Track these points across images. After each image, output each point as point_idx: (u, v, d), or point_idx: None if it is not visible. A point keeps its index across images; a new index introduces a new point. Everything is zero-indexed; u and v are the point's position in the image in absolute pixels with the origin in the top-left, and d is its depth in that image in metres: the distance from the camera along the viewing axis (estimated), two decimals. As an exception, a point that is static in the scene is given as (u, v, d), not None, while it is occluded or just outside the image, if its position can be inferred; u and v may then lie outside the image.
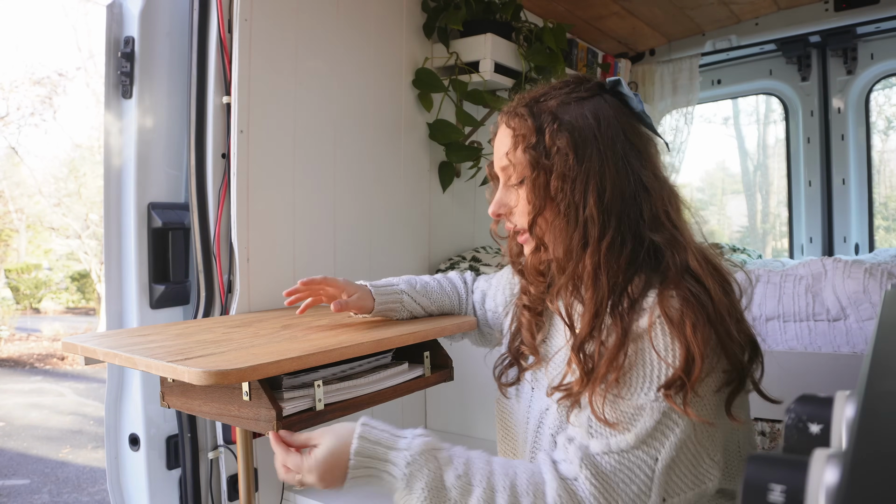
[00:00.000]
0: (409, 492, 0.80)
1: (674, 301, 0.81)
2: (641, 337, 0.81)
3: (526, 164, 0.89)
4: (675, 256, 0.84)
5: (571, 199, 0.85)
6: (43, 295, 11.64)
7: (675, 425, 0.78)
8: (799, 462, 0.30)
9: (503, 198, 0.95)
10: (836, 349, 1.44)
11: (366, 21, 1.84)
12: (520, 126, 0.90)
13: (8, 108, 10.89)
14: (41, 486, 4.10)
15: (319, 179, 1.72)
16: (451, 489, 0.79)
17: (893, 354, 0.42)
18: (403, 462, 0.80)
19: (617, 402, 0.80)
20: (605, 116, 0.88)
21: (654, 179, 0.88)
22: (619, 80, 0.92)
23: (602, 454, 0.79)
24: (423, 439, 0.83)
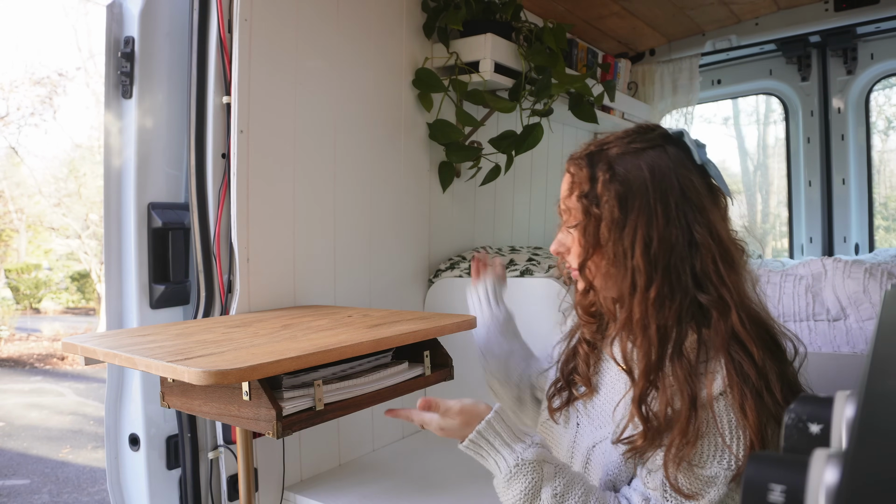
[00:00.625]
0: (507, 487, 0.90)
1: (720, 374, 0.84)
2: (707, 407, 0.84)
3: (579, 211, 0.94)
4: (719, 321, 0.86)
5: (619, 247, 0.89)
6: (43, 295, 11.64)
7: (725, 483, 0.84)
8: (799, 462, 0.30)
9: (562, 238, 1.00)
10: (836, 349, 1.44)
11: (366, 21, 1.84)
12: (577, 173, 0.95)
13: (8, 108, 10.89)
14: (41, 486, 4.10)
15: (319, 179, 1.72)
16: (544, 500, 0.88)
17: (893, 354, 0.42)
18: (513, 461, 0.89)
19: (690, 471, 0.84)
20: (660, 168, 0.90)
21: (706, 234, 0.89)
22: (684, 131, 0.94)
23: None
24: (537, 449, 0.90)
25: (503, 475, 0.90)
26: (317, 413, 1.06)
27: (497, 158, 2.14)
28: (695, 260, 0.88)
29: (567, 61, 2.28)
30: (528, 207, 2.66)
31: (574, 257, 0.97)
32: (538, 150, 2.60)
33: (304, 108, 1.67)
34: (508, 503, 0.90)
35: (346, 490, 1.62)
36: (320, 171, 1.72)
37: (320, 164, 1.72)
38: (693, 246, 0.88)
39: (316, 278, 1.72)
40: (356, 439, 1.86)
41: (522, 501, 0.88)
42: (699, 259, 0.88)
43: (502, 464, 0.90)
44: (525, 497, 0.88)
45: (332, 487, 1.64)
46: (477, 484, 1.61)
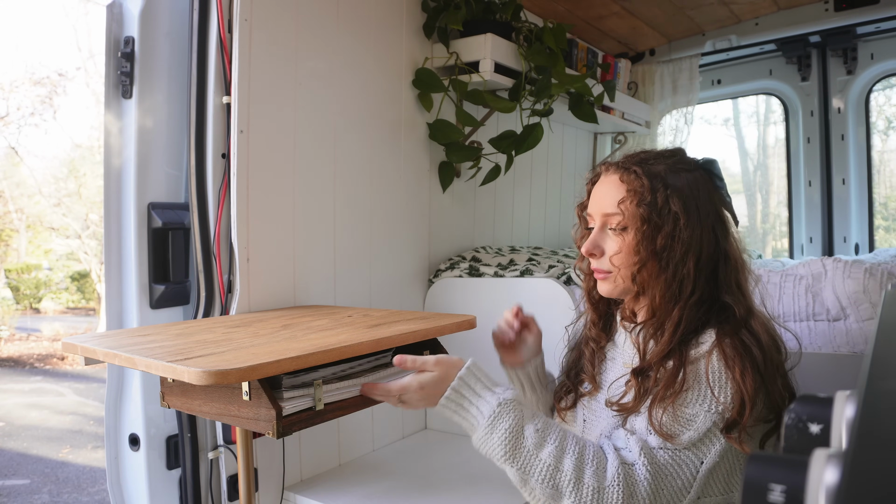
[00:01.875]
0: (491, 430, 0.91)
1: (729, 343, 0.94)
2: (698, 362, 0.95)
3: (637, 217, 1.00)
4: (738, 313, 0.98)
5: (674, 255, 0.98)
6: (43, 295, 11.64)
7: (720, 439, 0.91)
8: (799, 462, 0.30)
9: (598, 239, 1.06)
10: (836, 349, 1.44)
11: (366, 21, 1.84)
12: (633, 181, 1.01)
13: (8, 108, 10.89)
14: (41, 486, 4.10)
15: (319, 179, 1.72)
16: (528, 437, 0.91)
17: (893, 354, 0.42)
18: (496, 402, 0.93)
19: (673, 412, 0.93)
20: (705, 190, 1.02)
21: (734, 251, 1.03)
22: (714, 161, 1.06)
23: (658, 448, 0.92)
24: (514, 391, 0.96)
25: (486, 418, 0.92)
26: (317, 413, 1.06)
27: (497, 158, 2.14)
28: (724, 272, 1.00)
29: (567, 61, 2.28)
30: (528, 207, 2.66)
31: (624, 261, 1.02)
32: (538, 150, 2.60)
33: (304, 108, 1.67)
34: (493, 446, 0.91)
35: (346, 490, 1.62)
36: (320, 170, 1.72)
37: (320, 164, 1.72)
38: (725, 259, 1.01)
39: (316, 278, 1.72)
40: (356, 439, 1.86)
41: (507, 441, 0.90)
42: (727, 271, 1.00)
43: (485, 407, 0.93)
44: (510, 435, 0.90)
45: (332, 487, 1.64)
46: (477, 484, 1.61)
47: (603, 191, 1.06)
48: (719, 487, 0.93)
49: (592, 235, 1.06)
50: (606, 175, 1.07)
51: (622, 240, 1.02)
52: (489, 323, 1.41)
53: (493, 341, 1.22)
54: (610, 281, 1.05)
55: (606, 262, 1.04)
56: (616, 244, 1.03)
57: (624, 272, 1.03)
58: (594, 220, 1.07)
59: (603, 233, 1.05)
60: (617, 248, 1.03)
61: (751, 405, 0.89)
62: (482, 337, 1.46)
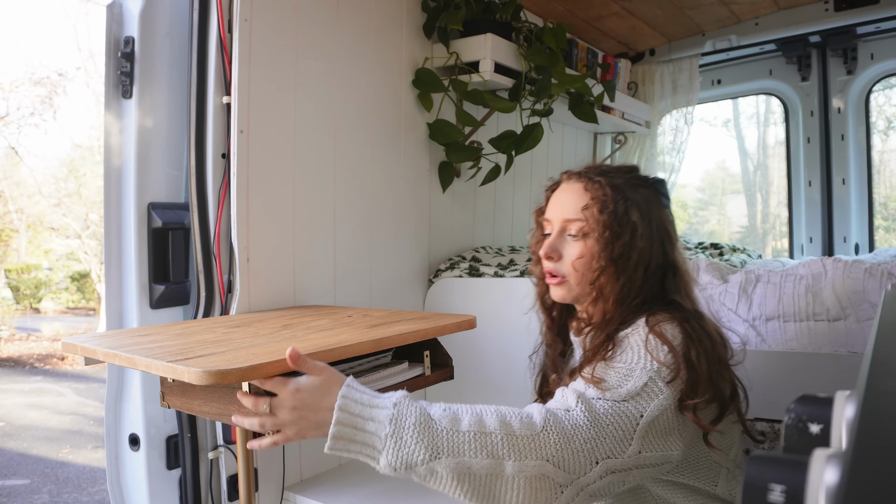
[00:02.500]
0: (399, 435, 0.82)
1: (670, 327, 0.99)
2: (628, 337, 1.00)
3: (599, 224, 1.04)
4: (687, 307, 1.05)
5: (629, 264, 1.03)
6: (43, 295, 11.64)
7: (660, 392, 0.93)
8: (799, 462, 0.30)
9: (556, 243, 1.09)
10: (836, 349, 1.44)
11: (366, 21, 1.84)
12: (598, 191, 1.06)
13: (8, 108, 10.89)
14: (41, 486, 4.10)
15: (319, 179, 1.72)
16: (439, 421, 0.84)
17: (893, 354, 0.42)
18: (390, 403, 0.85)
19: (610, 366, 0.97)
20: (655, 205, 1.09)
21: (682, 262, 1.10)
22: (664, 180, 1.14)
23: (597, 399, 0.92)
24: (401, 391, 0.89)
25: (388, 425, 0.83)
26: (317, 413, 1.06)
27: (497, 158, 2.14)
28: (672, 280, 1.07)
29: (567, 61, 2.28)
30: (528, 207, 2.66)
31: (584, 266, 1.06)
32: (538, 150, 2.60)
33: (304, 108, 1.67)
34: (409, 449, 0.82)
35: (346, 490, 1.62)
36: (320, 171, 1.72)
37: (320, 164, 1.72)
38: (673, 268, 1.08)
39: (316, 278, 1.72)
40: (356, 439, 1.86)
41: (421, 435, 0.82)
42: (675, 280, 1.07)
43: (381, 413, 0.84)
44: (422, 428, 0.83)
45: (332, 487, 1.64)
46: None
47: (565, 197, 1.11)
48: (658, 443, 0.93)
49: (551, 239, 1.10)
50: (568, 183, 1.12)
51: (583, 245, 1.07)
52: (489, 323, 1.41)
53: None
54: (564, 286, 1.09)
55: (564, 266, 1.08)
56: (576, 249, 1.07)
57: (581, 277, 1.07)
58: (552, 225, 1.12)
59: (561, 238, 1.10)
60: (578, 254, 1.07)
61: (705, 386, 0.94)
62: (482, 337, 1.46)
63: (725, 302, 1.57)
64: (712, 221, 9.55)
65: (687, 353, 0.96)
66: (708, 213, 9.69)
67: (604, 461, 0.88)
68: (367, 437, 0.84)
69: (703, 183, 9.45)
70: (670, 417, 0.94)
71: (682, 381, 0.94)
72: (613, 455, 0.89)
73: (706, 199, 9.61)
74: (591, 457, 0.87)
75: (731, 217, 9.30)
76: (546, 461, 0.84)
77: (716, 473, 1.06)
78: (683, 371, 0.94)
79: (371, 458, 0.85)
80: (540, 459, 0.84)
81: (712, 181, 9.48)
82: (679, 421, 0.95)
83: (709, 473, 1.05)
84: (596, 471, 0.87)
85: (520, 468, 0.83)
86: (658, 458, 0.93)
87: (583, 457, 0.87)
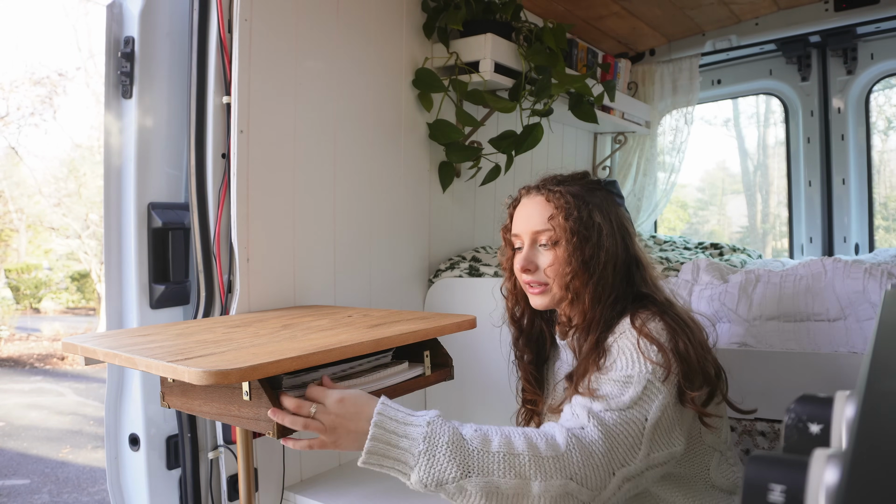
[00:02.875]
0: (433, 453, 0.86)
1: (654, 324, 1.04)
2: (616, 342, 1.05)
3: (567, 230, 1.09)
4: (658, 299, 1.11)
5: (598, 264, 1.08)
6: (43, 295, 11.64)
7: (658, 392, 0.97)
8: (799, 462, 0.30)
9: (531, 255, 1.14)
10: (836, 349, 1.44)
11: (366, 21, 1.84)
12: (559, 200, 1.11)
13: (8, 108, 10.89)
14: (41, 486, 4.10)
15: (319, 179, 1.72)
16: (471, 441, 0.88)
17: (893, 354, 0.42)
18: (424, 422, 0.89)
19: (607, 376, 1.00)
20: (612, 205, 1.15)
21: (643, 255, 1.16)
22: (615, 181, 1.23)
23: (604, 411, 0.95)
24: (434, 411, 0.93)
25: (422, 443, 0.86)
26: (317, 413, 1.06)
27: (497, 158, 2.14)
28: (638, 273, 1.13)
29: (567, 61, 2.28)
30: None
31: (558, 271, 1.11)
32: (538, 150, 2.60)
33: (304, 108, 1.67)
34: (442, 467, 0.85)
35: (346, 490, 1.62)
36: (320, 171, 1.72)
37: (320, 164, 1.72)
38: (637, 262, 1.14)
39: (316, 278, 1.72)
40: (356, 439, 1.86)
41: (454, 454, 0.86)
42: (641, 272, 1.13)
43: (416, 432, 0.87)
44: (454, 448, 0.86)
45: (332, 487, 1.64)
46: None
47: (528, 211, 1.16)
48: (664, 442, 0.97)
49: (525, 252, 1.15)
50: (529, 197, 1.18)
51: (554, 253, 1.12)
52: (489, 323, 1.41)
53: None
54: (546, 295, 1.14)
55: (541, 274, 1.13)
56: (549, 258, 1.12)
57: (558, 282, 1.12)
58: (522, 239, 1.17)
59: (534, 249, 1.15)
60: (550, 261, 1.12)
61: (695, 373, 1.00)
62: (482, 337, 1.46)
63: (725, 302, 1.57)
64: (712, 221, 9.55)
65: (675, 345, 1.01)
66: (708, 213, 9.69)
67: (619, 470, 0.91)
68: (401, 453, 0.88)
69: (703, 183, 9.45)
70: (670, 414, 0.98)
71: (676, 375, 0.99)
72: (626, 463, 0.92)
73: (706, 199, 9.61)
74: (608, 469, 0.91)
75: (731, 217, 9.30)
76: (570, 479, 0.88)
77: (708, 458, 1.10)
78: (676, 365, 0.99)
79: (403, 474, 0.89)
80: (564, 478, 0.88)
81: (712, 181, 9.48)
82: (677, 415, 0.99)
83: (702, 459, 1.09)
84: (614, 482, 0.91)
85: (546, 488, 0.87)
86: (664, 456, 0.97)
87: (602, 470, 0.90)
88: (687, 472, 1.09)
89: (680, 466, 1.08)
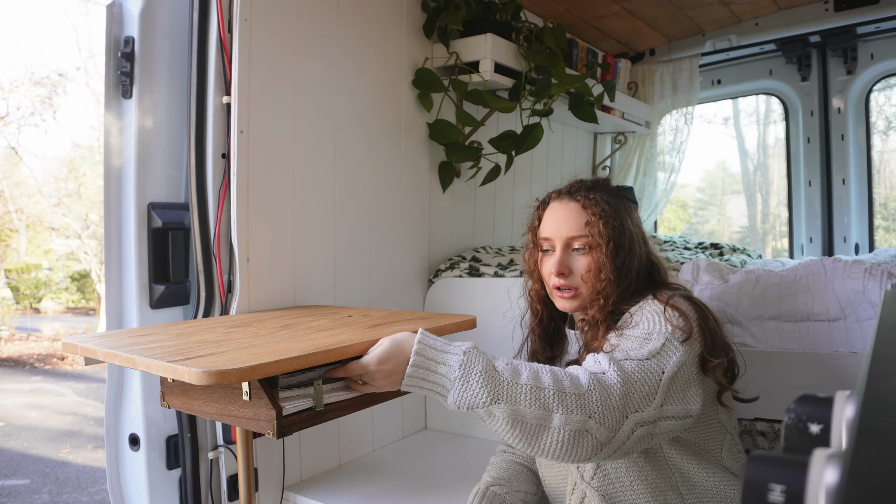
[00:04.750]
0: (466, 379, 0.93)
1: (682, 301, 1.10)
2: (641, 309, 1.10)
3: (605, 236, 1.14)
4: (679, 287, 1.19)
5: (630, 269, 1.15)
6: (43, 295, 11.64)
7: (677, 350, 1.02)
8: (799, 462, 0.30)
9: (566, 260, 1.17)
10: (836, 349, 1.44)
11: (366, 21, 1.84)
12: (596, 207, 1.16)
13: (8, 108, 10.89)
14: (41, 486, 4.10)
15: (319, 179, 1.72)
16: (502, 372, 0.94)
17: (893, 354, 0.42)
18: (461, 352, 0.96)
19: (628, 335, 1.06)
20: (632, 210, 1.22)
21: (659, 257, 1.22)
22: (631, 188, 1.32)
23: (624, 360, 1.01)
24: (470, 342, 0.99)
25: (457, 370, 0.94)
26: (317, 413, 1.06)
27: (497, 158, 2.14)
28: (658, 273, 1.21)
29: (567, 61, 2.28)
30: (529, 207, 2.66)
31: (594, 277, 1.15)
32: (538, 150, 2.60)
33: (304, 108, 1.67)
34: (474, 393, 0.93)
35: (346, 490, 1.62)
36: (320, 170, 1.72)
37: (320, 164, 1.72)
38: (654, 263, 1.21)
39: (316, 278, 1.72)
40: (356, 439, 1.86)
41: (486, 382, 0.93)
42: (660, 272, 1.21)
43: (452, 360, 0.95)
44: (486, 376, 0.93)
45: (332, 487, 1.64)
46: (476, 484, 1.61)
47: (562, 216, 1.19)
48: (678, 398, 1.01)
49: (560, 256, 1.17)
50: (561, 202, 1.21)
51: (590, 258, 1.15)
52: (489, 323, 1.41)
53: None
54: (577, 299, 1.17)
55: (575, 279, 1.16)
56: (584, 263, 1.16)
57: (590, 287, 1.15)
58: (553, 243, 1.19)
59: (566, 254, 1.18)
60: (586, 267, 1.15)
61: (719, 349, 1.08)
62: (482, 337, 1.46)
63: (726, 302, 1.57)
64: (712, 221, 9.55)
65: (703, 321, 1.08)
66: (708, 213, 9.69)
67: (633, 415, 0.96)
68: (439, 377, 0.96)
69: (703, 183, 9.45)
70: (687, 373, 1.03)
71: (700, 344, 1.06)
72: (640, 409, 0.97)
73: (706, 199, 9.61)
74: (623, 411, 0.95)
75: (731, 217, 9.29)
76: (589, 417, 0.93)
77: (722, 437, 1.14)
78: (699, 336, 1.06)
79: (440, 396, 0.97)
80: (583, 415, 0.93)
81: (712, 181, 9.47)
82: (696, 377, 1.05)
83: (717, 436, 1.13)
84: (627, 425, 0.96)
85: (566, 421, 0.92)
86: (679, 411, 1.01)
87: (618, 412, 0.95)
88: (701, 444, 1.12)
89: (695, 435, 1.12)
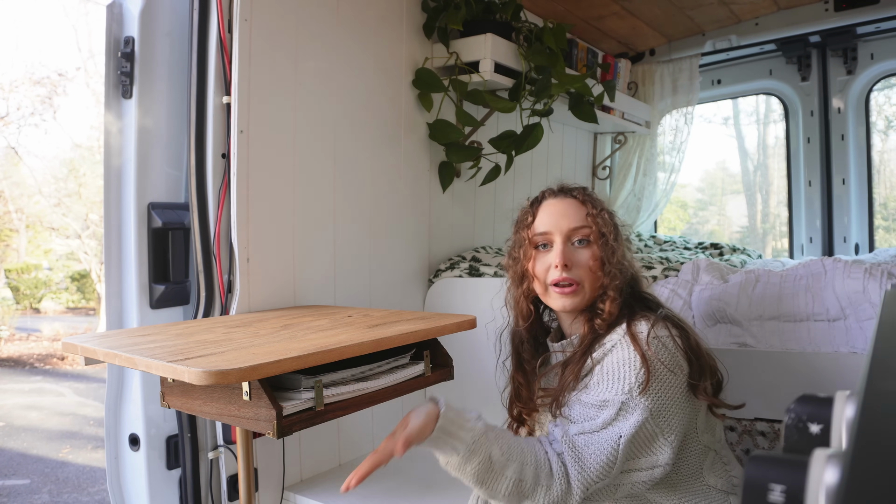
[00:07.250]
0: (466, 462, 0.98)
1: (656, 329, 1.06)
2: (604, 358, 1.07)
3: (607, 226, 1.14)
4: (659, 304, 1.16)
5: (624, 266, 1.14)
6: (43, 295, 11.64)
7: (636, 407, 1.01)
8: (799, 462, 0.30)
9: (569, 252, 1.14)
10: (836, 349, 1.44)
11: (366, 21, 1.84)
12: (593, 201, 1.17)
13: (8, 108, 10.89)
14: (41, 486, 4.10)
15: (319, 179, 1.72)
16: (495, 462, 0.98)
17: (893, 354, 0.42)
18: (471, 439, 0.98)
19: (585, 403, 1.05)
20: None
21: (636, 268, 1.21)
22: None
23: (578, 434, 1.02)
24: (482, 422, 1.01)
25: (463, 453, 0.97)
26: (317, 413, 1.06)
27: (497, 158, 2.14)
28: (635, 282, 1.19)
29: (567, 61, 2.28)
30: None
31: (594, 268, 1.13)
32: (538, 150, 2.60)
33: (304, 108, 1.67)
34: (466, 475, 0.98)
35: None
36: (320, 170, 1.72)
37: (320, 164, 1.72)
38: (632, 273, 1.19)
39: (316, 278, 1.72)
40: (356, 439, 1.86)
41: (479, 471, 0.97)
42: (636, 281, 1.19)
43: (460, 445, 0.98)
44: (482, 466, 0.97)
45: (332, 487, 1.64)
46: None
47: (561, 209, 1.16)
48: (642, 452, 1.02)
49: (562, 249, 1.14)
50: (557, 198, 1.19)
51: (589, 252, 1.13)
52: (489, 323, 1.41)
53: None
54: (579, 294, 1.13)
55: (578, 272, 1.13)
56: (586, 255, 1.13)
57: (593, 280, 1.13)
58: (551, 237, 1.15)
59: (568, 246, 1.15)
60: (590, 257, 1.13)
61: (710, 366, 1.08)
62: (482, 337, 1.46)
63: (726, 302, 1.57)
64: (712, 221, 9.55)
65: (686, 344, 1.07)
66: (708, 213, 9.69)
67: (596, 484, 1.00)
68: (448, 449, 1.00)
69: (703, 183, 9.45)
70: (650, 428, 1.01)
71: (684, 374, 1.05)
72: (603, 478, 0.99)
73: (706, 199, 9.61)
74: (585, 489, 0.99)
75: (731, 217, 9.29)
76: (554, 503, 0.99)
77: (702, 458, 1.12)
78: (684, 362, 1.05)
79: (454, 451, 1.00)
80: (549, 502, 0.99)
81: (712, 181, 9.47)
82: (665, 424, 1.02)
83: (696, 459, 1.11)
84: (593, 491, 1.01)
85: None
86: (645, 463, 1.02)
87: (580, 492, 0.99)
88: (680, 475, 1.10)
89: (672, 470, 1.09)
